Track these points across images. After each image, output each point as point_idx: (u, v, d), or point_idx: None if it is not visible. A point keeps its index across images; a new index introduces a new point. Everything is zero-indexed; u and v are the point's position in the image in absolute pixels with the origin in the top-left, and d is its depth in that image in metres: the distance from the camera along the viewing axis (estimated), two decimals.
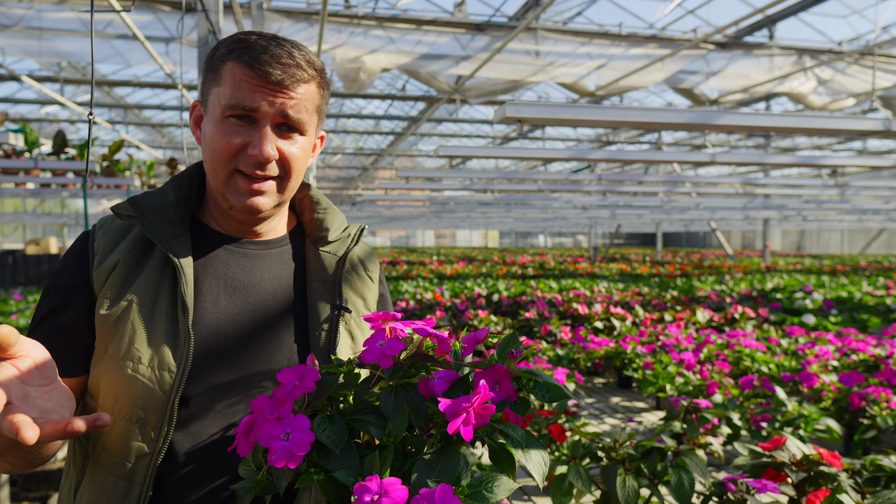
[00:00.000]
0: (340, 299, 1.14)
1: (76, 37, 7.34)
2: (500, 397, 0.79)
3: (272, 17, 7.38)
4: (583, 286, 7.68)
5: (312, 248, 1.19)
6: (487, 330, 0.89)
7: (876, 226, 24.10)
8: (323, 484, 0.75)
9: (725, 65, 8.79)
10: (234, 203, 1.06)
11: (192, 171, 1.18)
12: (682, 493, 1.48)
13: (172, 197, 1.11)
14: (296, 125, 1.05)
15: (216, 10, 3.30)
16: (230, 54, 1.03)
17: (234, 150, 1.03)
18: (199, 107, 1.11)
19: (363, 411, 0.81)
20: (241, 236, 1.15)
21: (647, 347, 3.58)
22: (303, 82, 1.04)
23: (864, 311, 5.51)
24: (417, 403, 0.79)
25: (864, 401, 2.50)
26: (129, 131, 15.59)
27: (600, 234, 38.27)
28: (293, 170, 1.08)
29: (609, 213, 16.12)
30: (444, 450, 0.75)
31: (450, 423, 0.72)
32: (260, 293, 1.12)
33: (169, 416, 0.99)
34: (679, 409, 2.41)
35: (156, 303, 1.04)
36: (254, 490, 0.81)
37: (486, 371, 0.79)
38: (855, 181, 9.66)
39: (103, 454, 1.02)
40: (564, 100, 11.83)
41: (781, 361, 3.25)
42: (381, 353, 0.81)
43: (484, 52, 7.99)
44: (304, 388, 0.79)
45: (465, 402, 0.72)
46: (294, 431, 0.75)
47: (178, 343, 1.01)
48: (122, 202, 1.09)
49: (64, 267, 1.08)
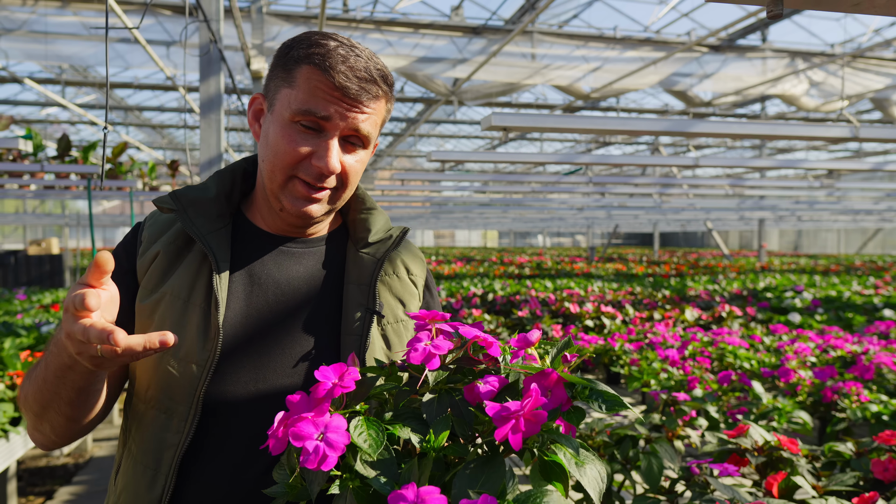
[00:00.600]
0: (373, 302, 1.10)
1: (78, 40, 7.45)
2: (553, 405, 0.73)
3: (271, 21, 7.49)
4: (577, 286, 7.80)
5: (353, 248, 1.16)
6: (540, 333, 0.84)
7: (872, 226, 24.22)
8: (358, 491, 0.70)
9: (719, 67, 8.90)
10: (288, 207, 1.05)
11: (237, 166, 1.17)
12: (652, 476, 1.59)
13: (213, 192, 1.11)
14: (363, 138, 1.05)
15: (217, 18, 3.41)
16: (307, 58, 1.00)
17: (299, 157, 1.02)
18: (262, 100, 1.09)
19: (404, 416, 0.77)
20: (283, 234, 1.14)
21: (634, 345, 3.70)
22: (376, 98, 1.03)
23: (851, 309, 5.63)
24: (462, 410, 0.75)
25: (836, 394, 2.62)
26: (130, 132, 15.70)
27: (598, 234, 38.38)
28: (350, 182, 1.07)
29: (605, 213, 16.23)
30: (490, 460, 0.70)
31: (497, 430, 0.67)
32: (294, 293, 1.10)
33: (194, 408, 0.99)
34: (658, 403, 2.53)
35: (191, 296, 1.04)
36: (287, 495, 0.77)
37: (536, 376, 0.74)
38: (850, 182, 9.78)
39: (135, 442, 1.04)
40: (561, 101, 11.94)
41: (762, 358, 3.37)
42: (428, 352, 0.77)
43: (480, 56, 8.09)
44: (343, 388, 0.75)
45: (514, 407, 0.68)
46: (329, 432, 0.71)
47: (208, 337, 1.02)
48: (163, 195, 1.10)
49: (115, 255, 1.10)
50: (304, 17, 7.65)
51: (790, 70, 8.92)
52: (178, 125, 14.27)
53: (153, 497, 0.99)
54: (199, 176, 3.62)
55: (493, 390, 0.74)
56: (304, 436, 0.70)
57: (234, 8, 5.61)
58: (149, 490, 0.99)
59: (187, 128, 3.74)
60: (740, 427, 1.74)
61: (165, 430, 1.00)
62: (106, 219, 19.05)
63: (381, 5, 8.46)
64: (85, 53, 7.72)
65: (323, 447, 0.69)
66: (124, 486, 1.03)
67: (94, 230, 4.54)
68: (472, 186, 10.94)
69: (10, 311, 5.76)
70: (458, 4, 8.17)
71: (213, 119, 3.45)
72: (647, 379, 3.05)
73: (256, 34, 7.33)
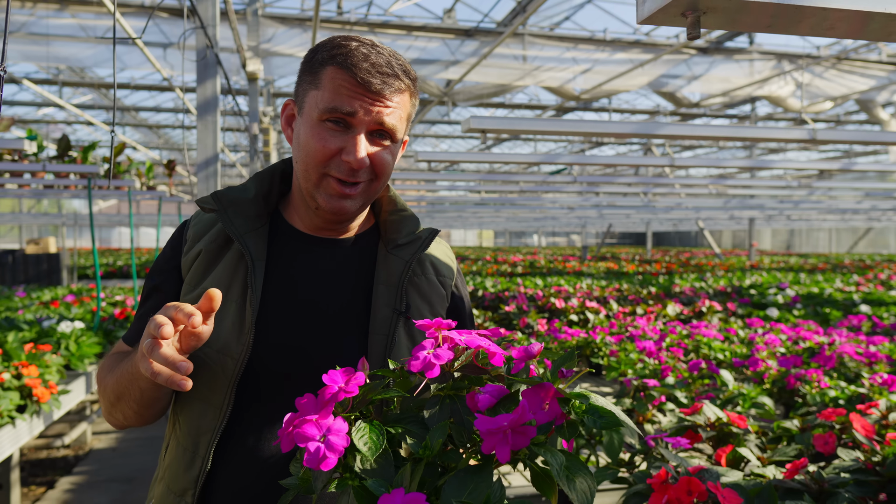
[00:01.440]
0: (401, 303, 1.14)
1: (75, 42, 7.58)
2: (547, 418, 0.73)
3: (267, 24, 7.61)
4: (567, 283, 7.95)
5: (384, 249, 1.19)
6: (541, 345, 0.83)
7: (862, 225, 24.44)
8: (357, 490, 0.73)
9: (707, 69, 9.05)
10: (323, 204, 1.10)
11: (276, 167, 1.22)
12: (612, 449, 1.73)
13: (252, 193, 1.16)
14: (389, 132, 1.08)
15: (213, 24, 3.55)
16: (331, 60, 1.05)
17: (329, 154, 1.06)
18: (293, 106, 1.15)
19: (407, 420, 0.79)
20: (319, 234, 1.19)
21: (615, 338, 3.85)
22: (399, 92, 1.07)
23: (830, 305, 5.79)
24: (463, 417, 0.76)
25: (799, 381, 2.78)
26: (126, 132, 15.80)
27: (593, 234, 38.57)
28: (382, 174, 1.11)
29: (596, 212, 16.39)
30: (480, 469, 0.72)
31: (484, 443, 0.69)
32: (326, 292, 1.14)
33: (228, 399, 1.06)
34: (630, 388, 2.68)
35: (228, 292, 1.10)
36: (298, 487, 0.80)
37: (533, 389, 0.75)
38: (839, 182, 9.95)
39: (179, 426, 1.12)
40: (554, 102, 12.07)
41: (735, 349, 3.52)
42: (427, 361, 0.78)
43: (473, 57, 8.22)
44: (347, 392, 0.77)
45: (504, 422, 0.69)
46: (330, 434, 0.73)
47: (242, 332, 1.08)
48: (206, 196, 1.17)
49: (163, 252, 1.20)
50: (299, 19, 7.77)
51: (777, 72, 9.08)
52: (174, 125, 14.38)
53: (191, 477, 1.07)
54: (196, 176, 3.75)
55: (490, 401, 0.75)
56: (308, 437, 0.73)
57: (230, 10, 5.74)
58: (187, 471, 1.08)
59: (184, 128, 3.88)
60: (695, 405, 1.89)
61: (203, 417, 1.07)
62: (102, 218, 19.14)
63: (374, 8, 8.63)
64: (82, 55, 7.84)
65: (323, 449, 0.72)
66: (169, 464, 1.12)
67: (94, 231, 4.67)
68: (464, 186, 11.09)
69: (11, 307, 5.89)
70: (451, 7, 8.30)
71: (209, 121, 3.59)
72: (625, 369, 3.20)
73: (252, 36, 7.47)
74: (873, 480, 1.50)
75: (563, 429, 0.74)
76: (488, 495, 0.69)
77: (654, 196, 12.65)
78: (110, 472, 4.46)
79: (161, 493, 1.13)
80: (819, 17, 1.08)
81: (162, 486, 1.13)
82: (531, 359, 0.81)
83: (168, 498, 1.10)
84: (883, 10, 1.06)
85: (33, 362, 3.18)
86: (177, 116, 13.79)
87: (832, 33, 1.16)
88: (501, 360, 0.80)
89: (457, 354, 0.82)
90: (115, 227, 35.29)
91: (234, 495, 1.07)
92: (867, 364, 2.99)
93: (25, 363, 3.08)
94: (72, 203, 22.29)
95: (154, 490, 1.17)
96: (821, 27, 1.13)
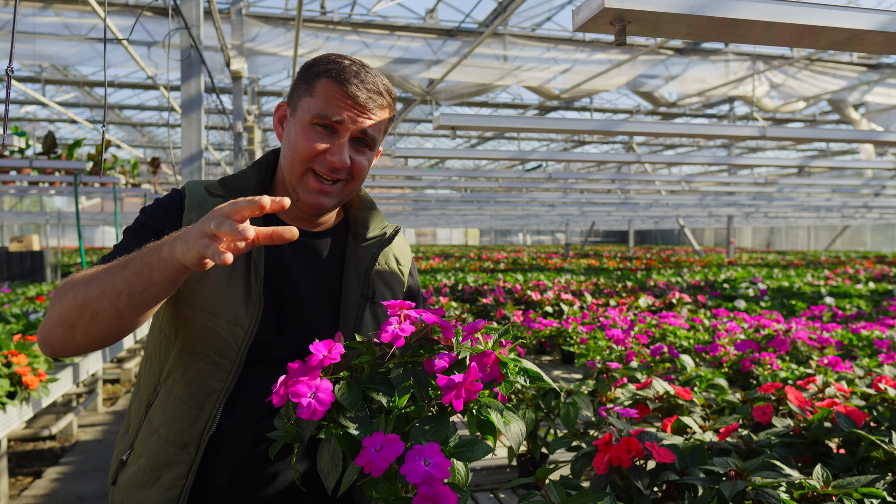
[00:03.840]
0: (368, 290, 1.33)
1: (59, 40, 7.62)
2: (489, 378, 0.94)
3: (250, 23, 7.69)
4: (547, 279, 8.12)
5: (353, 242, 1.36)
6: (484, 322, 1.03)
7: (839, 223, 24.88)
8: (339, 437, 0.91)
9: (684, 69, 9.25)
10: (303, 198, 1.25)
11: (268, 157, 1.36)
12: (568, 420, 1.89)
13: (254, 181, 1.30)
14: (369, 141, 1.25)
15: (197, 24, 3.66)
16: (326, 73, 1.21)
17: (315, 153, 1.21)
18: (285, 108, 1.29)
19: (377, 381, 0.97)
20: (297, 225, 1.32)
21: (587, 327, 4.00)
22: (381, 108, 1.25)
23: (798, 298, 6.00)
24: (422, 378, 0.95)
25: (753, 364, 2.95)
26: (110, 130, 15.76)
27: (577, 232, 38.86)
28: (358, 176, 1.27)
29: (578, 209, 16.58)
30: (438, 417, 0.91)
31: (444, 396, 0.88)
32: (308, 277, 1.31)
33: (238, 362, 1.21)
34: (594, 371, 2.84)
35: (234, 269, 1.24)
36: (285, 438, 0.97)
37: (479, 356, 0.95)
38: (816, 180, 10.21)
39: (177, 386, 1.23)
40: (537, 101, 12.23)
41: (699, 336, 3.70)
42: (395, 334, 0.97)
43: (454, 57, 8.35)
44: (331, 359, 0.95)
45: (458, 379, 0.88)
46: (319, 392, 0.91)
47: (250, 304, 1.22)
48: (213, 181, 1.30)
49: (160, 203, 1.28)
50: (283, 18, 7.85)
51: (751, 72, 9.29)
52: (158, 123, 14.37)
53: (196, 431, 1.20)
54: (181, 174, 3.85)
55: (445, 365, 0.95)
56: (301, 394, 0.91)
57: (214, 10, 5.83)
58: (192, 425, 1.20)
59: (169, 126, 3.97)
60: (646, 381, 2.04)
61: (211, 379, 1.21)
62: (86, 217, 19.06)
63: (358, 7, 8.70)
64: (66, 53, 7.87)
65: (314, 403, 0.90)
66: (166, 420, 1.22)
67: (80, 227, 4.75)
68: (447, 182, 11.23)
69: None
70: (433, 7, 8.42)
71: (193, 119, 3.70)
72: (594, 356, 3.36)
73: (236, 35, 7.55)
74: (798, 442, 1.66)
75: (501, 385, 0.98)
76: (447, 435, 0.90)
77: (634, 193, 12.85)
78: (96, 462, 4.55)
79: (156, 445, 1.21)
80: (730, 27, 1.23)
81: (156, 440, 1.22)
82: (476, 332, 1.01)
83: (168, 451, 1.20)
84: (785, 19, 1.21)
85: (22, 351, 3.28)
86: (161, 115, 13.80)
87: (746, 40, 1.31)
88: (451, 333, 1.00)
89: (417, 328, 1.01)
90: (99, 227, 35.05)
91: (235, 447, 1.21)
92: (819, 348, 3.16)
93: (14, 352, 3.18)
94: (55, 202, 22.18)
95: (137, 443, 1.24)
96: (734, 35, 1.28)
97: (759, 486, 1.31)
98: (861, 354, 3.16)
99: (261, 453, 1.23)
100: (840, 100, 9.94)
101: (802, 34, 1.28)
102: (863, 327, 3.72)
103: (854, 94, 9.76)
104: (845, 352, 3.34)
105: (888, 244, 27.46)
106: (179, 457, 1.20)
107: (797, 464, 1.61)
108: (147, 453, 1.23)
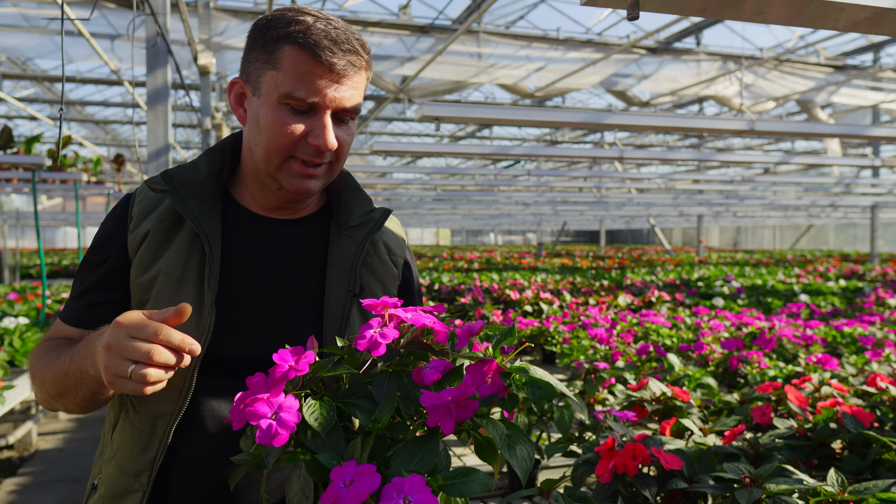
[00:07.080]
0: (354, 285, 1.13)
1: (18, 32, 7.31)
2: (490, 391, 0.76)
3: (219, 17, 7.49)
4: (522, 278, 8.07)
5: (336, 230, 1.18)
6: (483, 322, 0.87)
7: (804, 222, 25.42)
8: (309, 464, 0.75)
9: (656, 69, 9.29)
10: (287, 185, 1.08)
11: (226, 143, 1.18)
12: (563, 425, 1.81)
13: (204, 172, 1.12)
14: (352, 111, 1.07)
15: (164, 12, 3.49)
16: (288, 38, 1.01)
17: (295, 139, 1.03)
18: (242, 84, 1.09)
19: (356, 395, 0.80)
20: (271, 214, 1.16)
21: (568, 327, 3.94)
22: (359, 70, 1.05)
23: (772, 295, 6.04)
24: (409, 391, 0.78)
25: (741, 362, 2.90)
26: (72, 128, 15.29)
27: (548, 232, 39.08)
28: (343, 154, 1.10)
29: (551, 209, 16.63)
30: (426, 439, 0.75)
31: (430, 417, 0.72)
32: (281, 274, 1.13)
33: (188, 382, 1.04)
34: (581, 371, 2.76)
35: (184, 274, 1.07)
36: (250, 463, 0.82)
37: (477, 364, 0.77)
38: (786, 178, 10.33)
39: (132, 408, 1.09)
40: (510, 100, 12.21)
41: (682, 335, 3.65)
42: (373, 340, 0.80)
43: (428, 54, 8.25)
44: (298, 371, 0.78)
45: (447, 396, 0.71)
46: (282, 411, 0.74)
47: (202, 315, 1.05)
48: (155, 175, 1.12)
49: (104, 227, 1.14)
50: (252, 13, 7.67)
51: (723, 72, 9.37)
52: (122, 121, 13.99)
53: (147, 459, 1.05)
54: (146, 172, 3.68)
55: (436, 377, 0.78)
56: (260, 414, 0.74)
57: (181, 2, 5.64)
58: (143, 453, 1.06)
59: (133, 124, 3.79)
60: (642, 381, 1.96)
61: (161, 400, 1.04)
62: (47, 216, 18.48)
63: (329, 3, 8.54)
64: (25, 46, 7.56)
65: (275, 425, 0.73)
66: (121, 445, 1.10)
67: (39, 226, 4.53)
68: (419, 180, 11.13)
69: None
70: (406, 3, 8.32)
71: (160, 111, 3.53)
72: (577, 355, 3.28)
73: (204, 29, 7.34)
74: (805, 445, 1.60)
75: (504, 401, 0.78)
76: (435, 464, 0.72)
77: (606, 191, 12.91)
78: (57, 472, 4.34)
79: (112, 472, 1.10)
80: (749, 3, 1.15)
81: (113, 467, 1.10)
82: (473, 335, 0.84)
83: (121, 479, 1.07)
84: None
85: None
86: (125, 112, 13.41)
87: (763, 18, 1.23)
88: (445, 336, 0.83)
89: (403, 332, 0.84)
90: (61, 227, 34.10)
91: (193, 475, 1.06)
92: (804, 346, 3.14)
93: None
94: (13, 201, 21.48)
95: (102, 468, 1.14)
96: (752, 12, 1.20)
97: (774, 493, 1.24)
98: (846, 352, 3.16)
99: (224, 481, 1.06)
100: (808, 100, 10.10)
101: (821, 12, 1.20)
102: (844, 324, 3.72)
103: (822, 94, 9.92)
104: (830, 349, 3.33)
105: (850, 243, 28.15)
106: (132, 486, 1.06)
107: (805, 467, 1.54)
108: (106, 481, 1.11)
